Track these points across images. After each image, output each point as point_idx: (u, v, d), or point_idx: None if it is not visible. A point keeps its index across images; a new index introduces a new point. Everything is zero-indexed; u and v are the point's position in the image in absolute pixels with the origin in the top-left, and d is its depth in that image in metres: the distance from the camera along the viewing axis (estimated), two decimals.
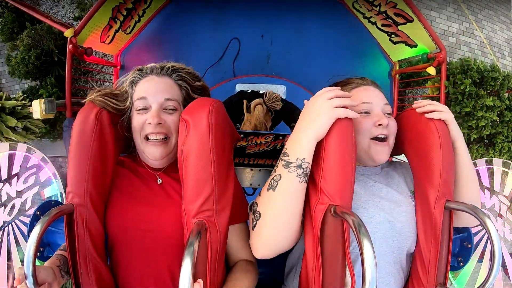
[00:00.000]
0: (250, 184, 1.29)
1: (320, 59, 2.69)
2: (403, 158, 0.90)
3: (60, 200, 1.97)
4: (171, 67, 0.84)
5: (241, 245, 0.83)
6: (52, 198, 2.01)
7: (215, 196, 0.68)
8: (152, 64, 0.86)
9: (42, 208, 1.01)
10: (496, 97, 2.52)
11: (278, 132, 1.20)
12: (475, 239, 1.43)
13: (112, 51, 2.52)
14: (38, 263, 0.64)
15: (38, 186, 2.03)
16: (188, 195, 0.69)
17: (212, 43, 2.66)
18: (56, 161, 3.27)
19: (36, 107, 1.84)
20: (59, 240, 0.98)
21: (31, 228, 1.07)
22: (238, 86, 2.44)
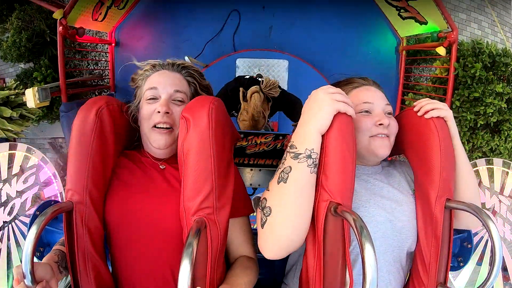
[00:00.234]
0: (250, 184, 1.29)
1: (324, 32, 2.54)
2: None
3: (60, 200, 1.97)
4: (181, 64, 0.90)
5: (241, 240, 0.83)
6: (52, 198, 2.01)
7: (215, 193, 0.68)
8: (161, 60, 0.91)
9: (42, 208, 1.01)
10: (506, 83, 2.41)
11: (278, 132, 1.20)
12: (475, 240, 1.44)
13: (106, 28, 2.41)
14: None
15: (38, 186, 2.02)
16: (187, 193, 0.69)
17: (210, 16, 2.52)
18: (56, 142, 3.25)
19: (29, 97, 1.80)
20: (58, 240, 0.97)
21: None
22: (238, 61, 2.32)
